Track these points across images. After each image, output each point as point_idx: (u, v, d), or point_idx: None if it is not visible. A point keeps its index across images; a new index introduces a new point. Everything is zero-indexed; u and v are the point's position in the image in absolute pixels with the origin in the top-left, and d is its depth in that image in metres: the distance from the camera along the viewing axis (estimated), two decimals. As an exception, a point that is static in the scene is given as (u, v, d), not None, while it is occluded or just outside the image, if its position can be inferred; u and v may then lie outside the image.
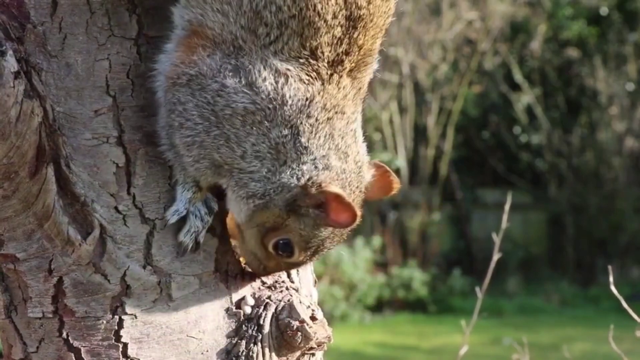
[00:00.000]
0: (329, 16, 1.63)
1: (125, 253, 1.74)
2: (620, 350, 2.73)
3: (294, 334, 1.80)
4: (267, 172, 1.68)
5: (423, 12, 15.99)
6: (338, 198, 1.67)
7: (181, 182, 1.74)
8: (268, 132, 1.65)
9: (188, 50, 1.67)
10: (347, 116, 1.71)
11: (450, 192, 16.30)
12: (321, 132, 1.67)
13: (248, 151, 1.66)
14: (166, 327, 1.77)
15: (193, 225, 1.74)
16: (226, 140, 1.66)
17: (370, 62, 1.74)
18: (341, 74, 1.68)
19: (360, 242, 13.93)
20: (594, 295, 14.44)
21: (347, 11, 1.65)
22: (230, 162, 1.68)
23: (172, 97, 1.68)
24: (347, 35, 1.66)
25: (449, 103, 15.77)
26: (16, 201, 1.69)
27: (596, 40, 16.52)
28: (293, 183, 1.68)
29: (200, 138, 1.67)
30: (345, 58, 1.68)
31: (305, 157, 1.67)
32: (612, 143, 16.43)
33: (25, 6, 1.71)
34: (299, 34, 1.63)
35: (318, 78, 1.66)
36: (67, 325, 1.75)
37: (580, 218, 16.19)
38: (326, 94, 1.67)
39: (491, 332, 11.12)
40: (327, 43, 1.65)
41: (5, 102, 1.60)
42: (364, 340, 11.66)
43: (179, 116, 1.68)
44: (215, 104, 1.65)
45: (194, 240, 1.75)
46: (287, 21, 1.62)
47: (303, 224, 1.72)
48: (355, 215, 1.67)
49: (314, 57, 1.65)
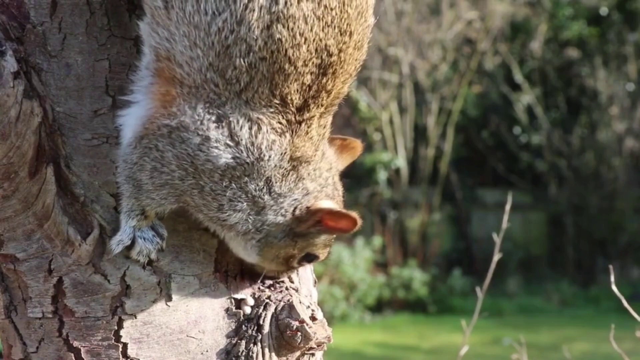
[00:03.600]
0: (300, 63, 1.60)
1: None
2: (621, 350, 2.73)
3: (293, 334, 1.80)
4: (248, 217, 1.69)
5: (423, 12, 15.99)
6: (331, 211, 1.71)
7: (126, 210, 1.72)
8: (245, 186, 1.65)
9: (164, 101, 1.64)
10: (314, 159, 1.71)
11: (450, 192, 16.30)
12: (290, 177, 1.68)
13: (225, 206, 1.67)
14: (166, 327, 1.77)
15: (144, 248, 1.73)
16: (200, 191, 1.65)
17: (336, 104, 1.72)
18: (310, 124, 1.66)
19: (361, 242, 13.93)
20: (594, 295, 14.44)
21: (318, 59, 1.62)
22: (206, 211, 1.68)
23: (149, 142, 1.65)
24: (316, 82, 1.63)
25: (449, 103, 15.77)
26: (16, 201, 1.68)
27: (596, 41, 16.52)
28: (280, 220, 1.70)
29: (173, 182, 1.66)
30: (312, 103, 1.65)
31: (281, 199, 1.69)
32: (612, 143, 16.43)
33: (25, 6, 1.71)
34: (269, 80, 1.59)
35: (288, 128, 1.64)
36: (67, 326, 1.75)
37: (580, 218, 16.19)
38: (294, 147, 1.66)
39: (491, 332, 11.12)
40: (296, 90, 1.62)
41: (5, 102, 1.60)
42: (364, 340, 11.66)
43: (154, 160, 1.65)
44: (196, 157, 1.63)
45: (146, 259, 1.74)
46: (258, 64, 1.58)
47: (312, 238, 1.77)
48: (355, 219, 1.71)
49: (283, 104, 1.62)
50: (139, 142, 1.65)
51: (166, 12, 1.60)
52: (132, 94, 1.68)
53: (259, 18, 1.56)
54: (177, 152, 1.63)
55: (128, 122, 1.68)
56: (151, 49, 1.64)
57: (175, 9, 1.59)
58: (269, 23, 1.57)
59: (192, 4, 1.58)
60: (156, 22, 1.62)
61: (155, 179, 1.66)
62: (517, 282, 14.86)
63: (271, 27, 1.57)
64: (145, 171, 1.66)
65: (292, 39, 1.58)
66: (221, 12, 1.57)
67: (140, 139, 1.65)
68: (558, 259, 16.38)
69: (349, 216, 1.71)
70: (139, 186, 1.68)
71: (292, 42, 1.58)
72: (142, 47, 1.67)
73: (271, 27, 1.57)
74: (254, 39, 1.57)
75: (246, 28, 1.56)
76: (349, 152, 1.86)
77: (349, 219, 1.71)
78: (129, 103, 1.69)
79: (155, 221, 1.74)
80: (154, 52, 1.63)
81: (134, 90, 1.68)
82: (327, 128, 1.73)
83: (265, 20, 1.56)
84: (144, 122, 1.65)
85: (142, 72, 1.67)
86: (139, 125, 1.66)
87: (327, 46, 1.62)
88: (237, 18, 1.56)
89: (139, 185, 1.68)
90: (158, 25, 1.62)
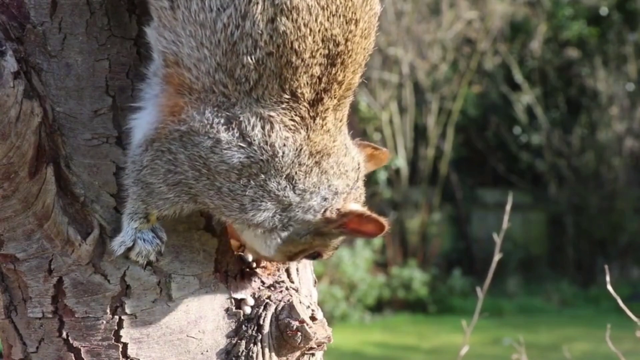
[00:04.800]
0: (307, 55, 1.59)
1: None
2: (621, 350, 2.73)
3: (293, 334, 1.80)
4: (275, 214, 1.68)
5: (423, 11, 15.99)
6: (361, 215, 1.70)
7: (130, 212, 1.72)
8: (265, 184, 1.64)
9: (172, 112, 1.64)
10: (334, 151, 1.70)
11: (450, 192, 16.30)
12: (314, 173, 1.67)
13: (247, 206, 1.66)
14: (166, 327, 1.77)
15: (143, 249, 1.72)
16: (217, 192, 1.65)
17: (350, 96, 1.71)
18: (324, 117, 1.66)
19: (361, 242, 13.92)
20: (594, 295, 14.43)
21: (325, 49, 1.61)
22: (228, 212, 1.67)
23: (161, 145, 1.65)
24: (325, 73, 1.63)
25: (449, 103, 15.77)
26: (16, 201, 1.69)
27: (596, 41, 16.52)
28: (309, 218, 1.69)
29: (188, 181, 1.66)
30: (325, 95, 1.64)
31: (308, 195, 1.68)
32: (612, 143, 16.43)
33: (25, 6, 1.71)
34: (277, 75, 1.59)
35: (302, 124, 1.63)
36: (67, 326, 1.75)
37: (580, 218, 16.19)
38: (311, 142, 1.65)
39: (491, 332, 11.12)
40: (307, 83, 1.61)
41: (5, 102, 1.60)
42: (364, 340, 11.66)
43: (167, 163, 1.65)
44: (209, 159, 1.63)
45: (145, 260, 1.74)
46: (265, 60, 1.58)
47: (329, 239, 1.76)
48: (383, 225, 1.70)
49: (295, 99, 1.62)
50: (150, 145, 1.66)
51: (172, 12, 1.60)
52: (141, 101, 1.68)
53: (263, 11, 1.57)
54: (190, 153, 1.63)
55: (139, 125, 1.69)
56: (159, 54, 1.64)
57: (181, 8, 1.59)
58: (273, 16, 1.57)
59: (197, 2, 1.58)
60: (163, 24, 1.62)
61: (169, 179, 1.66)
62: (517, 282, 14.86)
63: (275, 19, 1.57)
64: (157, 174, 1.66)
65: (297, 31, 1.58)
66: (225, 8, 1.57)
67: (152, 142, 1.66)
68: (558, 259, 16.37)
69: (378, 221, 1.70)
70: (149, 189, 1.68)
71: (297, 34, 1.58)
72: (151, 53, 1.67)
73: (275, 20, 1.57)
74: (259, 33, 1.57)
75: (251, 22, 1.57)
76: (376, 160, 1.87)
77: (377, 224, 1.70)
78: (139, 109, 1.69)
79: (156, 224, 1.74)
80: (162, 57, 1.64)
81: (143, 98, 1.68)
82: (344, 121, 1.72)
83: (269, 13, 1.57)
84: (156, 125, 1.65)
85: (151, 79, 1.67)
86: (150, 130, 1.66)
87: (334, 36, 1.61)
88: (241, 12, 1.57)
89: (148, 187, 1.68)
90: (165, 28, 1.62)
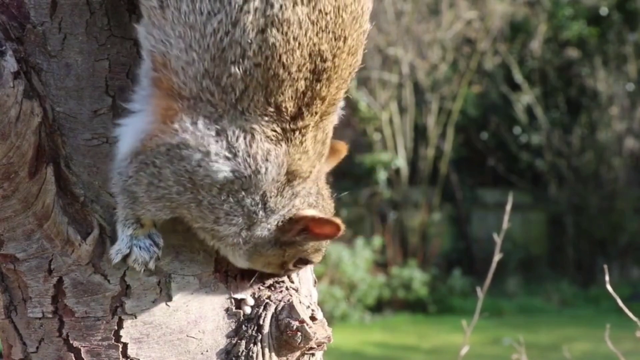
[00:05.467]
0: (294, 68, 1.58)
1: (125, 253, 1.74)
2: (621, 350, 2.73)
3: (293, 334, 1.80)
4: (241, 232, 1.69)
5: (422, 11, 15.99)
6: (314, 218, 1.71)
7: (122, 219, 1.71)
8: (242, 200, 1.65)
9: (165, 116, 1.63)
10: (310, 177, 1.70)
11: (450, 192, 16.30)
12: (286, 192, 1.68)
13: (222, 219, 1.67)
14: (166, 327, 1.77)
15: (139, 257, 1.72)
16: (198, 204, 1.65)
17: (334, 111, 1.70)
18: (304, 133, 1.65)
19: (361, 242, 13.93)
20: (594, 295, 14.44)
21: (312, 64, 1.60)
22: (202, 223, 1.68)
23: (146, 158, 1.64)
24: (310, 88, 1.62)
25: (449, 103, 15.77)
26: (16, 201, 1.68)
27: (596, 41, 16.52)
28: (265, 234, 1.71)
29: (171, 196, 1.65)
30: (306, 110, 1.63)
31: (273, 215, 1.69)
32: (612, 143, 16.43)
33: (25, 6, 1.71)
34: (263, 87, 1.58)
35: (283, 136, 1.63)
36: (67, 326, 1.75)
37: (580, 218, 16.19)
38: (290, 158, 1.65)
39: (491, 332, 11.13)
40: (291, 97, 1.60)
41: (5, 102, 1.60)
42: (364, 340, 11.66)
43: (150, 176, 1.65)
44: (195, 174, 1.62)
45: (143, 267, 1.74)
46: (252, 71, 1.56)
47: (300, 246, 1.77)
48: (338, 225, 1.71)
49: (278, 112, 1.61)
50: (135, 158, 1.65)
51: (161, 11, 1.59)
52: (133, 103, 1.68)
53: (254, 21, 1.55)
54: (175, 168, 1.62)
55: (125, 134, 1.67)
56: (147, 53, 1.63)
57: (171, 8, 1.58)
58: (264, 27, 1.55)
59: (188, 4, 1.57)
60: (152, 22, 1.61)
61: (151, 193, 1.66)
62: (517, 282, 14.87)
63: (265, 30, 1.56)
64: (140, 185, 1.66)
65: (286, 44, 1.57)
66: (216, 13, 1.56)
67: (136, 155, 1.64)
68: (558, 259, 16.38)
69: (332, 222, 1.71)
70: (134, 197, 1.67)
71: (286, 47, 1.57)
72: (141, 51, 1.66)
73: (265, 31, 1.56)
74: (248, 42, 1.56)
75: (241, 30, 1.55)
76: (334, 155, 1.84)
77: (332, 225, 1.71)
78: (129, 112, 1.68)
79: (152, 230, 1.73)
80: (150, 57, 1.62)
81: (135, 100, 1.67)
82: (326, 145, 1.72)
83: (260, 24, 1.55)
84: (142, 137, 1.64)
85: (142, 81, 1.66)
86: (136, 141, 1.65)
87: (321, 51, 1.60)
88: (232, 19, 1.55)
89: (134, 197, 1.67)
90: (154, 27, 1.61)
